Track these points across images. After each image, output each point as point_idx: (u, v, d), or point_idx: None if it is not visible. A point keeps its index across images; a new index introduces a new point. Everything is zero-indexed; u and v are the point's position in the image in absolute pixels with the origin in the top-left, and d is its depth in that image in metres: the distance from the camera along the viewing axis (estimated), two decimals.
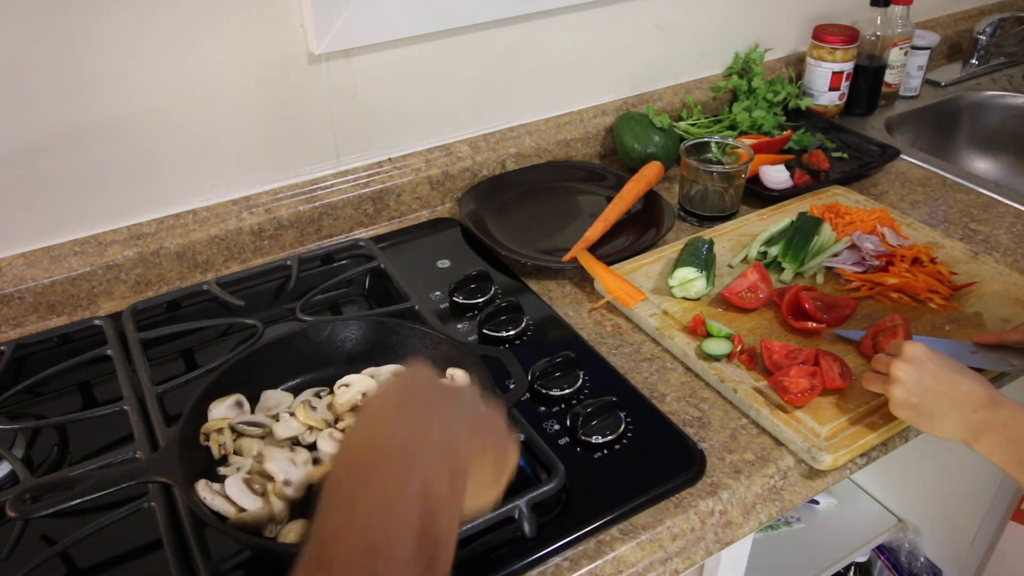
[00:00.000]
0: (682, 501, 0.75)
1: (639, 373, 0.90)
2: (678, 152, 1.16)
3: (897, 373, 0.76)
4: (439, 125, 1.20)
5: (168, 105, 0.98)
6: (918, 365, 0.75)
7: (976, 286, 1.00)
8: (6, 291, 0.96)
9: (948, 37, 1.73)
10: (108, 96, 0.94)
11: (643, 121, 1.28)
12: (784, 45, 1.52)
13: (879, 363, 0.80)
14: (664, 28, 1.33)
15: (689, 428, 0.82)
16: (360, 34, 1.04)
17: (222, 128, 1.03)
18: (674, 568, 0.73)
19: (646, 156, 1.25)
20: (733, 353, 0.89)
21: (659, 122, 1.27)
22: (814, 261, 1.03)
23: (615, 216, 1.12)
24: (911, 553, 1.48)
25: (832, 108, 1.45)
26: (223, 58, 0.98)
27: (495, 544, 0.70)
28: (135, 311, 0.95)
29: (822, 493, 0.91)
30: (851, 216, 1.11)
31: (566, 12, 1.21)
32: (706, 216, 1.16)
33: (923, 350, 0.76)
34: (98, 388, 0.90)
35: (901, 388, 0.75)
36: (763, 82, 1.40)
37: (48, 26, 0.87)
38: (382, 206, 1.17)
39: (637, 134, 1.26)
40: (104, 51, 0.91)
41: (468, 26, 1.13)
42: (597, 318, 0.99)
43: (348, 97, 1.09)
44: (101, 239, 1.01)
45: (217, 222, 1.06)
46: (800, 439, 0.79)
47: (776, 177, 1.23)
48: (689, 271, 0.97)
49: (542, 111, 1.29)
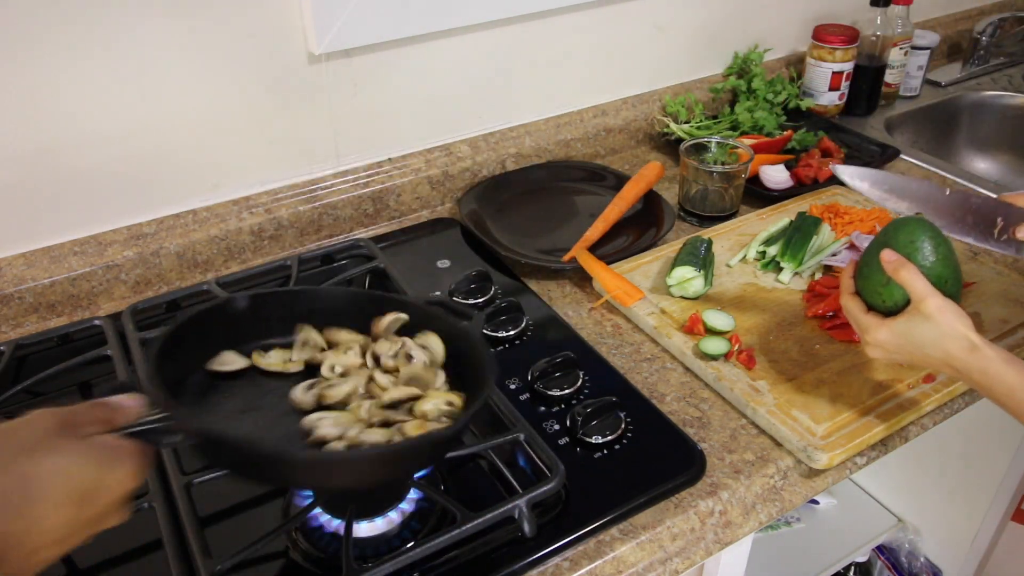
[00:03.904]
0: (682, 501, 0.75)
1: (639, 373, 0.90)
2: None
3: (867, 352, 0.77)
4: (439, 125, 1.20)
5: (168, 105, 0.98)
6: (882, 352, 0.76)
7: (975, 286, 1.00)
8: (6, 291, 0.96)
9: (948, 37, 1.73)
10: (108, 97, 0.94)
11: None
12: (784, 45, 1.52)
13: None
14: (664, 28, 1.33)
15: (689, 428, 0.82)
16: (360, 34, 1.04)
17: (222, 128, 1.03)
18: (674, 568, 0.73)
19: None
20: (731, 352, 0.89)
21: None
22: (813, 260, 1.03)
23: (615, 216, 1.12)
24: (911, 553, 1.48)
25: (832, 108, 1.45)
26: (223, 58, 0.98)
27: (495, 544, 0.70)
28: (135, 311, 0.95)
29: (822, 493, 0.91)
30: (850, 216, 1.11)
31: (566, 12, 1.21)
32: (706, 216, 1.16)
33: (882, 339, 0.75)
34: (98, 388, 0.91)
35: (877, 359, 0.78)
36: (763, 82, 1.40)
37: (50, 30, 0.88)
38: (382, 206, 1.17)
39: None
40: (104, 52, 0.91)
41: (468, 26, 1.13)
42: (597, 318, 0.99)
43: (348, 97, 1.09)
44: (101, 239, 1.01)
45: (217, 222, 1.06)
46: (796, 438, 0.79)
47: (776, 177, 1.23)
48: (687, 270, 0.97)
49: (542, 111, 1.29)
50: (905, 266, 0.73)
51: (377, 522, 0.71)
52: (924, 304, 0.71)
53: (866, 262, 0.77)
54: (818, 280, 1.00)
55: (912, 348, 0.73)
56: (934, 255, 0.74)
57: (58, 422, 0.49)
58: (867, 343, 0.77)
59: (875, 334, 0.75)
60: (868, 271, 0.77)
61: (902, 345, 0.74)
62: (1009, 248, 0.81)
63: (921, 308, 0.72)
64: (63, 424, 0.49)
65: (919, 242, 0.74)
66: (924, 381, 0.86)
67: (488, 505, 0.70)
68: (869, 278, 0.76)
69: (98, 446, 0.49)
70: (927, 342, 0.72)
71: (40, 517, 0.45)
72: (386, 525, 0.71)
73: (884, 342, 0.74)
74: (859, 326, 0.77)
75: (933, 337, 0.71)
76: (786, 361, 0.89)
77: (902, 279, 0.73)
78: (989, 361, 0.69)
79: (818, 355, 0.90)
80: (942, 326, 0.71)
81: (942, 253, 0.74)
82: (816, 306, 0.95)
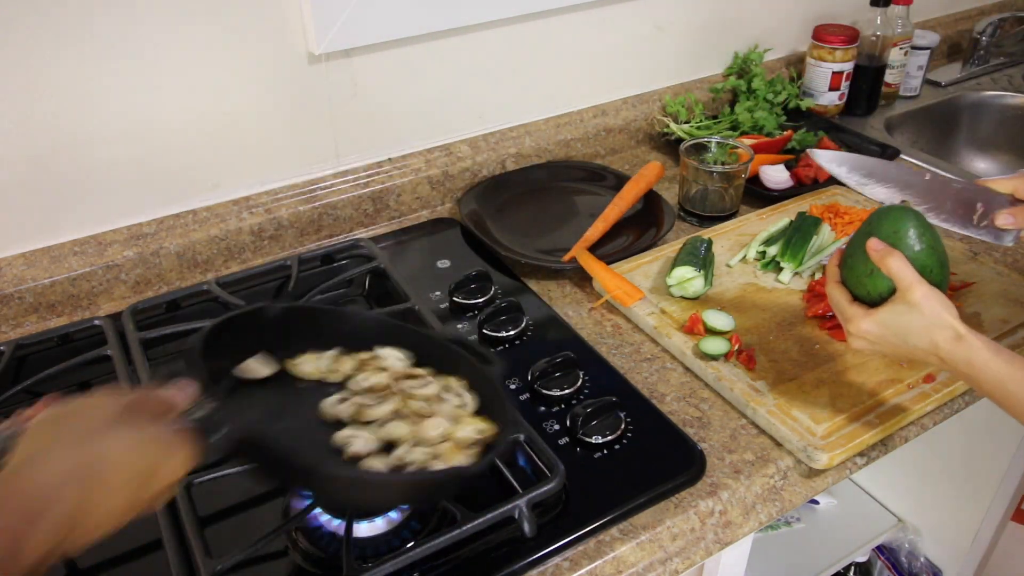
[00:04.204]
0: (682, 501, 0.75)
1: (639, 373, 0.90)
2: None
3: (850, 343, 0.76)
4: (439, 125, 1.20)
5: (168, 105, 0.98)
6: (866, 343, 0.74)
7: (975, 286, 1.00)
8: (6, 291, 0.96)
9: (948, 37, 1.73)
10: (108, 97, 0.94)
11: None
12: (784, 45, 1.52)
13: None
14: (664, 28, 1.33)
15: (689, 428, 0.82)
16: (360, 34, 1.04)
17: (222, 128, 1.03)
18: (674, 568, 0.73)
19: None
20: (731, 352, 0.89)
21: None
22: (812, 260, 1.03)
23: (615, 216, 1.12)
24: (911, 553, 1.48)
25: (832, 108, 1.45)
26: (223, 58, 0.98)
27: (495, 544, 0.70)
28: (135, 311, 0.95)
29: (822, 493, 0.91)
30: (850, 216, 1.11)
31: (566, 12, 1.21)
32: (706, 216, 1.16)
33: (865, 329, 0.73)
34: (98, 388, 0.90)
35: (861, 350, 0.76)
36: (763, 82, 1.40)
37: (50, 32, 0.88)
38: (382, 206, 1.17)
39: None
40: (104, 52, 0.91)
41: (468, 26, 1.13)
42: (597, 318, 0.99)
43: (348, 97, 1.09)
44: (101, 239, 1.01)
45: (217, 222, 1.06)
46: (796, 438, 0.79)
47: (776, 177, 1.23)
48: (687, 270, 0.97)
49: (542, 111, 1.29)
50: (892, 254, 0.71)
51: (377, 522, 0.71)
52: (910, 293, 0.70)
53: (851, 252, 0.76)
54: (818, 280, 1.00)
55: (896, 339, 0.72)
56: (919, 244, 0.72)
57: (123, 407, 0.52)
58: (851, 333, 0.75)
59: (859, 324, 0.73)
60: (853, 261, 0.75)
61: (886, 335, 0.72)
62: (988, 235, 0.80)
63: (907, 297, 0.70)
64: (127, 409, 0.52)
65: (904, 231, 0.73)
66: (924, 381, 0.86)
67: (488, 505, 0.69)
68: (854, 268, 0.75)
69: (158, 433, 0.52)
70: (912, 331, 0.71)
71: (106, 495, 0.48)
72: (386, 525, 0.71)
73: (868, 332, 0.73)
74: (843, 316, 0.76)
75: (918, 326, 0.70)
76: (786, 361, 0.89)
77: (888, 268, 0.71)
78: (975, 351, 0.68)
79: (818, 355, 0.90)
80: (928, 315, 0.70)
81: (928, 242, 0.73)
82: (816, 306, 0.95)
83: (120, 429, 0.51)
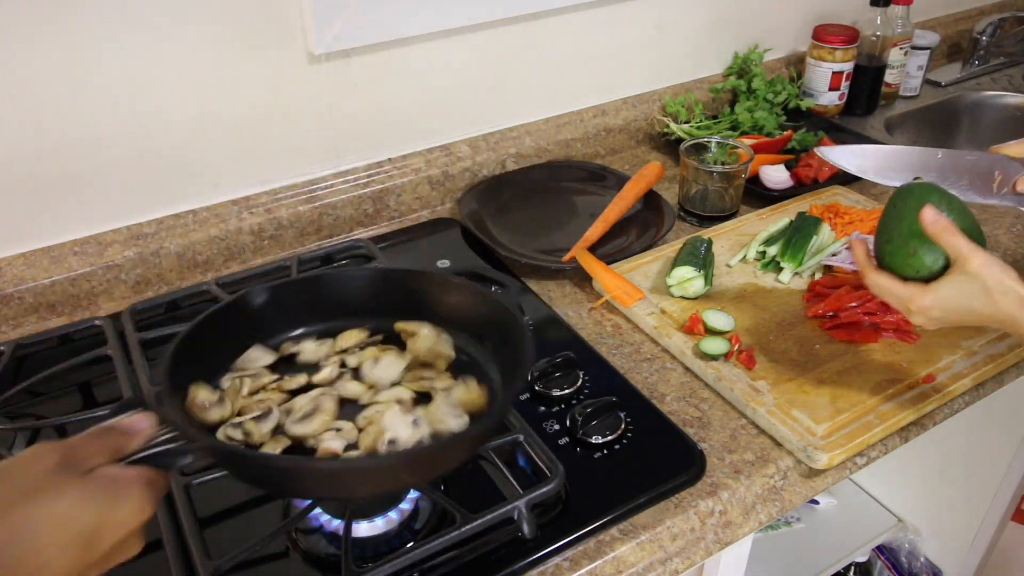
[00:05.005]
0: (682, 501, 0.75)
1: (639, 373, 0.90)
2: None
3: (913, 321, 0.75)
4: (439, 125, 1.20)
5: (168, 105, 0.98)
6: (929, 319, 0.74)
7: None
8: (6, 291, 0.96)
9: (948, 37, 1.73)
10: (108, 96, 0.94)
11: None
12: (784, 45, 1.52)
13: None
14: (664, 28, 1.33)
15: (689, 428, 0.82)
16: (360, 34, 1.04)
17: (222, 128, 1.03)
18: (674, 568, 0.73)
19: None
20: (731, 352, 0.89)
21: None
22: (813, 260, 1.03)
23: (615, 216, 1.12)
24: (911, 553, 1.48)
25: (832, 108, 1.45)
26: (223, 59, 0.98)
27: (495, 544, 0.70)
28: (135, 311, 0.95)
29: (822, 493, 0.91)
30: (850, 216, 1.11)
31: (566, 12, 1.21)
32: (706, 216, 1.16)
33: (928, 304, 0.73)
34: (98, 388, 0.90)
35: (924, 325, 0.75)
36: (763, 82, 1.40)
37: (49, 30, 0.88)
38: (382, 206, 1.17)
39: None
40: (103, 52, 0.91)
41: (468, 26, 1.13)
42: (597, 318, 0.99)
43: (348, 97, 1.09)
44: (101, 239, 1.01)
45: (217, 222, 1.06)
46: (796, 438, 0.79)
47: (776, 177, 1.23)
48: (687, 270, 0.97)
49: (542, 111, 1.29)
50: (947, 226, 0.71)
51: (377, 522, 0.71)
52: (968, 263, 0.70)
53: (887, 238, 0.76)
54: (818, 280, 1.00)
55: (961, 309, 0.72)
56: (950, 213, 0.73)
57: (58, 459, 0.46)
58: (912, 312, 0.74)
59: (920, 302, 0.73)
60: (891, 246, 0.75)
61: (951, 308, 0.72)
62: (1010, 201, 0.80)
63: (966, 267, 0.70)
64: (63, 461, 0.46)
65: (933, 204, 0.73)
66: (924, 381, 0.86)
67: (488, 506, 0.69)
68: (895, 252, 0.75)
69: (100, 483, 0.47)
70: (976, 301, 0.71)
71: (43, 564, 0.43)
72: (386, 525, 0.71)
73: (930, 307, 0.73)
74: (900, 298, 0.75)
75: (982, 294, 0.70)
76: (786, 361, 0.89)
77: (944, 241, 0.71)
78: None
79: (818, 355, 0.90)
80: (990, 282, 0.70)
81: (957, 209, 0.73)
82: (816, 306, 0.95)
83: (54, 486, 0.45)
